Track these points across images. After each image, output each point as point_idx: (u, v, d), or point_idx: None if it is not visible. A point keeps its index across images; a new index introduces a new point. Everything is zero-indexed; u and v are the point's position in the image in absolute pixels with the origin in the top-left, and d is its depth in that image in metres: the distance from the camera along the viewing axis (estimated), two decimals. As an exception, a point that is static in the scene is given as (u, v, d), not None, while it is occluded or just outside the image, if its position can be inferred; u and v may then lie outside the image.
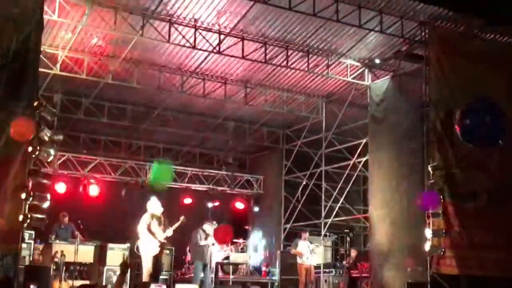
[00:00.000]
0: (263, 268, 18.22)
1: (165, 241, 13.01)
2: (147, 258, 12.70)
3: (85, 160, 18.08)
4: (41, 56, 10.60)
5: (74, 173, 17.81)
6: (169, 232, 12.99)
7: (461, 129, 10.70)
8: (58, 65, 13.70)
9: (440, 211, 12.90)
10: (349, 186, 16.70)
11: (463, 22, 13.82)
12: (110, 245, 14.27)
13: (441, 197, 12.95)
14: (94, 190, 17.91)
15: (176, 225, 13.13)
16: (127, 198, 18.30)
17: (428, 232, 12.98)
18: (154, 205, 13.19)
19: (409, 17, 13.62)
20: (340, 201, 16.63)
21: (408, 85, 14.72)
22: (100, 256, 14.07)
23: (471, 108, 9.41)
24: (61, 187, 16.67)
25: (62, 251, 12.90)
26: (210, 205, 19.36)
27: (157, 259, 12.79)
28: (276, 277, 16.85)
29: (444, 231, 12.81)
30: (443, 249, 12.73)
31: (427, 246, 12.92)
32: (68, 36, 13.35)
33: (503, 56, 14.21)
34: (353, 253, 16.81)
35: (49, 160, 11.62)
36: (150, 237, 12.70)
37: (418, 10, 13.43)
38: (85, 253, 13.69)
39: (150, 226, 12.72)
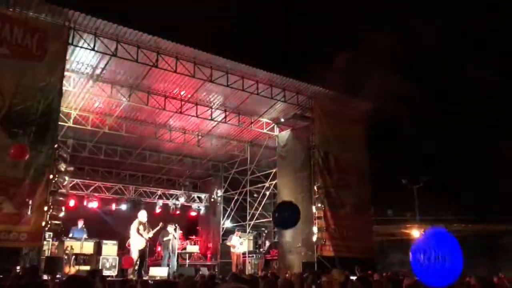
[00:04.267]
0: (208, 255, 18.01)
1: (148, 240, 12.88)
2: (135, 251, 12.60)
3: (88, 184, 17.59)
4: (60, 114, 10.37)
5: (81, 193, 17.28)
6: (151, 234, 12.93)
7: (273, 219, 10.76)
8: (71, 120, 13.37)
9: (322, 215, 13.24)
10: (264, 200, 16.81)
11: (334, 95, 14.29)
12: (104, 241, 13.85)
13: (323, 206, 13.31)
14: (94, 204, 17.51)
15: (157, 228, 13.13)
16: (116, 210, 18.00)
17: (315, 229, 13.25)
18: (142, 215, 13.21)
19: (302, 92, 14.07)
20: (259, 210, 16.67)
21: (301, 135, 14.98)
22: (98, 249, 13.63)
23: (278, 207, 9.93)
24: (72, 202, 16.13)
25: (71, 246, 12.54)
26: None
27: (143, 252, 12.63)
28: (217, 261, 16.68)
29: (324, 228, 13.12)
30: (324, 240, 13.02)
31: (314, 238, 13.17)
32: (78, 101, 13.14)
33: (357, 115, 14.84)
34: (268, 243, 16.88)
35: (64, 184, 11.34)
36: (138, 236, 12.62)
37: (307, 88, 13.92)
38: (87, 247, 13.23)
39: (138, 229, 12.67)
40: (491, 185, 21.01)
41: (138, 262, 12.36)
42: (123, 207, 17.92)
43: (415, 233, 21.18)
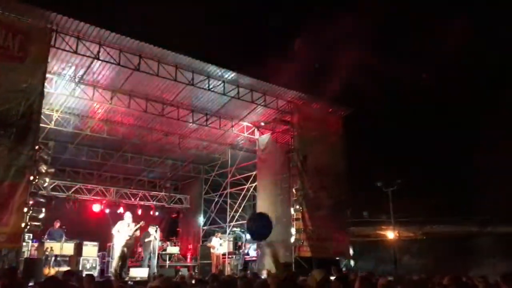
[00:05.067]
0: (189, 256, 17.93)
1: (130, 238, 12.72)
2: (117, 249, 12.52)
3: (69, 185, 17.33)
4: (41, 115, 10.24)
5: (62, 194, 16.98)
6: (132, 231, 12.80)
7: (247, 229, 11.35)
8: (53, 122, 13.21)
9: (300, 217, 13.35)
10: (244, 202, 16.86)
11: (311, 99, 14.46)
12: (85, 242, 13.75)
13: (301, 208, 13.42)
14: (75, 206, 17.22)
15: (137, 226, 12.96)
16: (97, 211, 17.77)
17: (293, 230, 13.37)
18: (127, 216, 13.20)
19: (282, 97, 14.19)
20: (239, 211, 16.71)
21: (281, 138, 15.18)
22: (78, 250, 13.50)
23: (250, 218, 10.13)
24: (53, 204, 15.86)
25: (51, 247, 12.42)
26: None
27: (124, 252, 12.49)
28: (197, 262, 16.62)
29: (302, 229, 13.24)
30: (302, 241, 13.15)
31: (292, 239, 13.29)
32: (60, 103, 13.00)
33: (335, 119, 15.03)
34: (247, 245, 16.89)
35: (44, 185, 11.20)
36: (120, 235, 12.53)
37: (287, 93, 14.05)
38: (68, 248, 13.12)
39: (120, 229, 12.67)
40: (464, 187, 21.47)
41: (120, 263, 12.23)
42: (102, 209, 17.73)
43: (390, 234, 21.52)
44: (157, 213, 19.32)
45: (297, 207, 13.42)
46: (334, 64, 15.00)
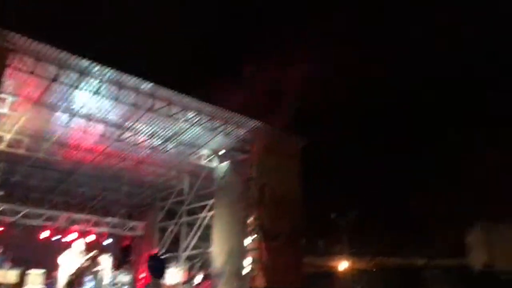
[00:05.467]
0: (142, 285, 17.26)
1: (80, 266, 12.18)
2: (63, 278, 11.99)
3: (17, 210, 16.44)
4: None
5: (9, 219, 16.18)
6: (83, 260, 12.25)
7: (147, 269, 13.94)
8: (4, 143, 12.65)
9: (256, 247, 13.28)
10: (200, 230, 16.47)
11: (273, 129, 14.63)
12: (30, 270, 13.01)
13: (257, 238, 13.36)
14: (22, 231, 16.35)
15: (90, 255, 12.44)
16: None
17: (248, 261, 13.27)
18: (76, 245, 12.75)
19: (243, 126, 14.19)
20: (194, 240, 16.33)
21: (240, 167, 15.10)
22: (21, 279, 12.75)
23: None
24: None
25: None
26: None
27: (72, 278, 11.91)
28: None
29: (258, 259, 13.16)
30: (257, 271, 13.04)
31: (247, 270, 13.17)
32: (12, 124, 12.44)
33: (293, 149, 15.25)
34: (201, 275, 16.50)
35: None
36: (67, 264, 11.98)
37: (248, 122, 14.13)
38: (11, 276, 12.38)
39: (67, 258, 12.04)
40: (413, 223, 22.18)
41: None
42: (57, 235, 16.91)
43: (344, 265, 21.76)
44: (110, 240, 18.63)
45: (254, 236, 13.34)
46: (290, 92, 15.31)
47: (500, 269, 21.43)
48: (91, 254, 12.47)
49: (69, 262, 12.09)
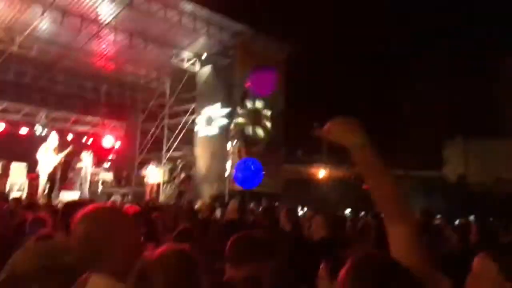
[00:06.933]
0: (123, 183, 17.84)
1: (59, 164, 12.25)
2: (43, 175, 11.97)
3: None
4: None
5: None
6: (61, 156, 12.19)
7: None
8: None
9: (236, 152, 13.58)
10: (182, 133, 16.62)
11: (257, 34, 14.32)
12: (13, 163, 13.23)
13: (238, 143, 13.64)
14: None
15: (66, 151, 12.33)
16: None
17: (228, 164, 13.68)
18: (52, 138, 12.37)
19: (226, 29, 13.86)
20: (176, 142, 16.57)
21: (222, 72, 14.85)
22: (5, 171, 13.03)
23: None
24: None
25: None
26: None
27: (52, 176, 12.08)
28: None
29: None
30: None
31: (227, 173, 13.61)
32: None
33: (279, 56, 15.03)
34: (183, 175, 16.98)
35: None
36: (46, 159, 11.97)
37: (231, 25, 13.73)
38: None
39: (46, 152, 11.96)
40: (391, 134, 22.70)
41: (47, 186, 11.92)
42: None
43: (321, 173, 22.64)
44: (91, 139, 18.78)
45: (234, 142, 13.60)
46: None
47: (473, 181, 22.70)
48: (67, 150, 12.36)
49: (46, 157, 12.02)
